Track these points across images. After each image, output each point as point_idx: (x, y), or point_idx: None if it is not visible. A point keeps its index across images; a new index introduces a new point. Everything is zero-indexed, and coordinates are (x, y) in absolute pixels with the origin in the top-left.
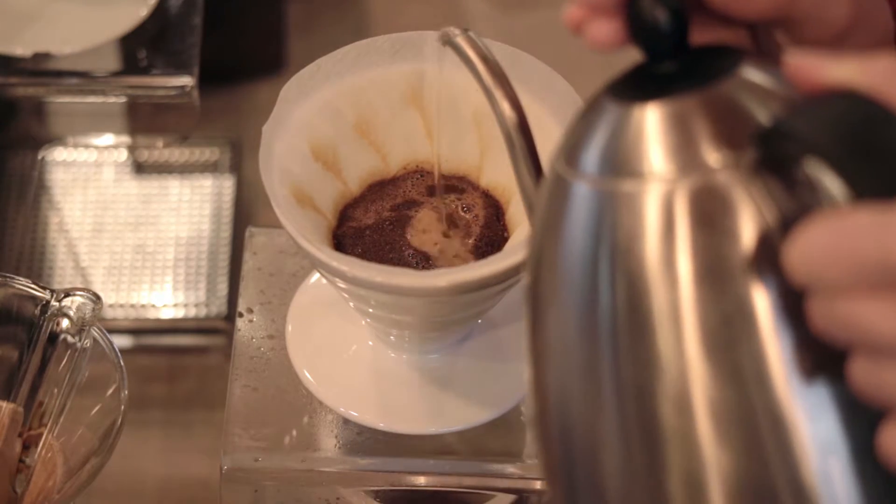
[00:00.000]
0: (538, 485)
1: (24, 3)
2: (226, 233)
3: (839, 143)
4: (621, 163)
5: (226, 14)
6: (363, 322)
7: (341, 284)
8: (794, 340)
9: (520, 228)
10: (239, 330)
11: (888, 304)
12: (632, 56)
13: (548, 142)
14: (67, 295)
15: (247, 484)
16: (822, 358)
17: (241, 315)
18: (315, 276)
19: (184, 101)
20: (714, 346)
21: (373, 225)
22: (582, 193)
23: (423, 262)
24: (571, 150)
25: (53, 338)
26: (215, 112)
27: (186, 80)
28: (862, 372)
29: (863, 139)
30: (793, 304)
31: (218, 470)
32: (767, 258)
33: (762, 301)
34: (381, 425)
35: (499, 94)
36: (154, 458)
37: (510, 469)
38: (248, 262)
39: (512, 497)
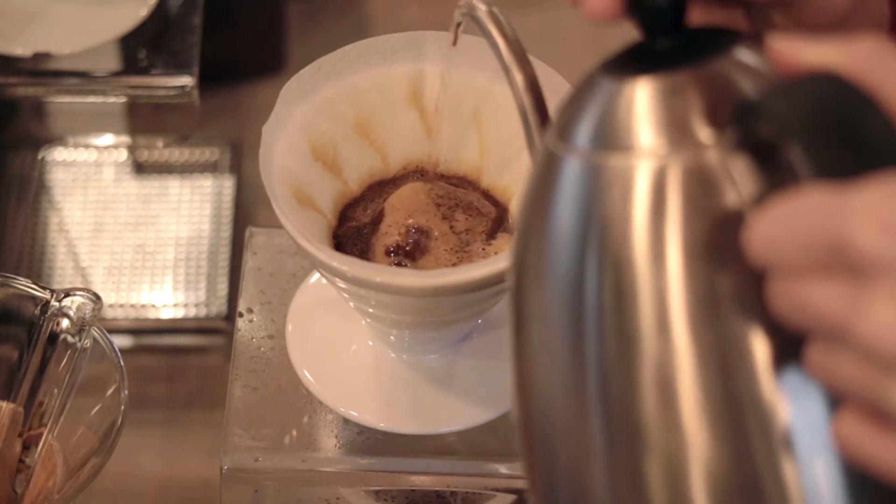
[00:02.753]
0: None
1: (24, 3)
2: (226, 233)
3: (810, 123)
4: (612, 137)
5: (226, 14)
6: (363, 322)
7: (341, 284)
8: (768, 324)
9: None
10: (239, 330)
11: (839, 286)
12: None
13: None
14: (67, 295)
15: (247, 484)
16: (792, 342)
17: (241, 315)
18: (315, 276)
19: (184, 101)
20: (695, 325)
21: (372, 225)
22: (572, 167)
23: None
24: (563, 125)
25: (53, 338)
26: (215, 112)
27: (186, 80)
28: (816, 357)
29: (834, 121)
30: (759, 286)
31: (218, 470)
32: (739, 238)
33: (738, 282)
34: (381, 425)
35: (517, 73)
36: (154, 458)
37: (510, 469)
38: (248, 262)
39: (512, 497)
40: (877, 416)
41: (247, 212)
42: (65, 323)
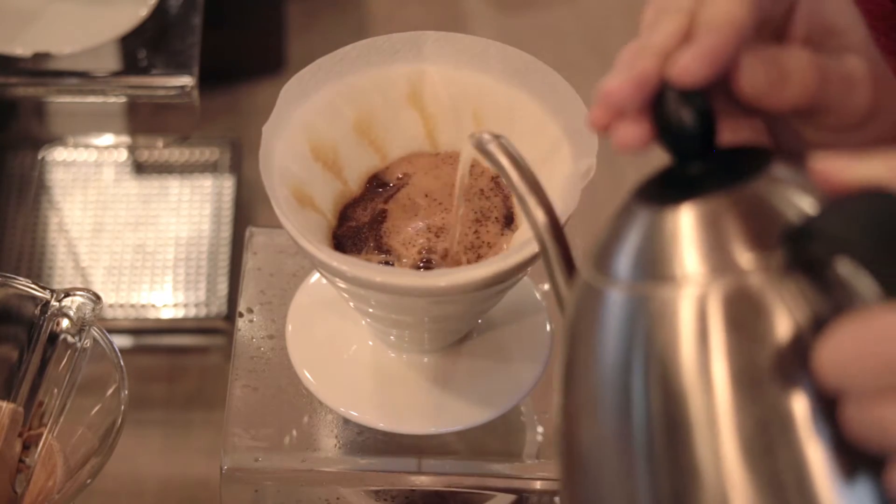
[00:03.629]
0: (538, 485)
1: (24, 3)
2: (226, 233)
3: (868, 241)
4: (654, 267)
5: (226, 14)
6: (363, 322)
7: (341, 284)
8: (833, 446)
9: (520, 230)
10: (239, 330)
11: None
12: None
13: (547, 142)
14: (67, 295)
15: (247, 484)
16: (861, 463)
17: (241, 315)
18: (315, 276)
19: (184, 101)
20: (752, 453)
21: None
22: (614, 300)
23: (424, 262)
24: (601, 256)
25: (53, 338)
26: (215, 112)
27: (186, 80)
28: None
29: (892, 237)
30: (828, 408)
31: (218, 470)
32: (800, 362)
33: (798, 406)
34: (381, 425)
35: (531, 201)
36: (154, 458)
37: (510, 469)
38: (248, 262)
39: (512, 497)
40: None
41: (247, 212)
42: (65, 323)
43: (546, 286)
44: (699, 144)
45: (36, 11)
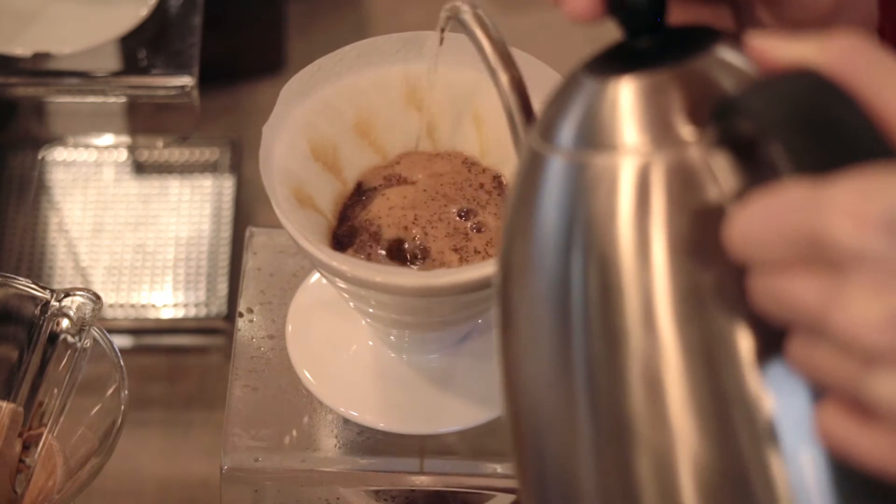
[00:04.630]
0: None
1: (24, 3)
2: (226, 233)
3: (789, 119)
4: (596, 135)
5: (226, 14)
6: (363, 322)
7: (341, 284)
8: (751, 318)
9: None
10: (239, 330)
11: (818, 279)
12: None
13: None
14: (67, 295)
15: (247, 484)
16: (775, 335)
17: (241, 315)
18: (315, 276)
19: (184, 101)
20: (680, 321)
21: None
22: (556, 167)
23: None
24: (547, 125)
25: (53, 338)
26: (215, 112)
27: (186, 80)
28: (797, 351)
29: (812, 117)
30: (742, 281)
31: (218, 470)
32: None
33: (721, 277)
34: (381, 425)
35: (502, 72)
36: (154, 458)
37: (510, 469)
38: (248, 262)
39: (512, 497)
40: (857, 408)
41: (247, 212)
42: (65, 323)
43: None
44: (648, 19)
45: (36, 11)
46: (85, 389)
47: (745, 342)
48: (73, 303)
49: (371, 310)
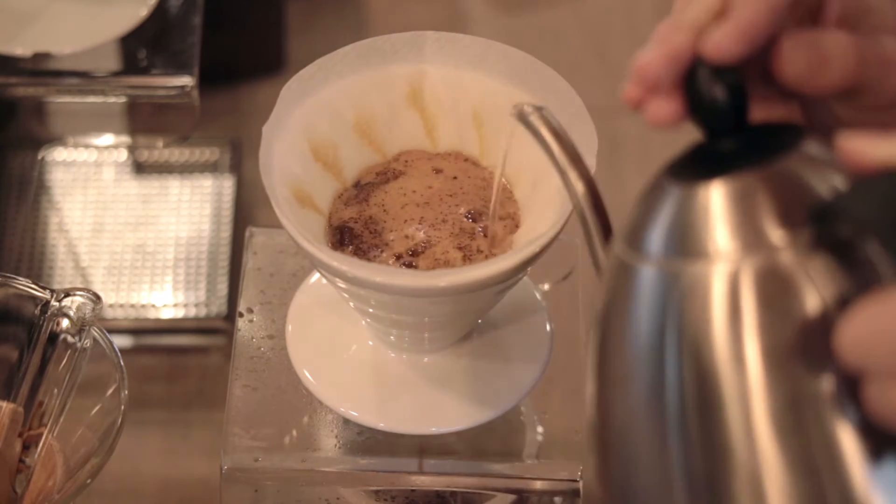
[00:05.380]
0: (538, 485)
1: (24, 3)
2: (226, 233)
3: (888, 220)
4: (686, 243)
5: (226, 14)
6: (363, 322)
7: (341, 284)
8: (860, 426)
9: (521, 230)
10: (239, 330)
11: None
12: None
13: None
14: (67, 295)
15: (247, 484)
16: (886, 443)
17: (241, 315)
18: (315, 276)
19: (184, 101)
20: (782, 431)
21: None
22: (646, 276)
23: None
24: (633, 233)
25: (53, 338)
26: (215, 112)
27: (186, 80)
28: None
29: None
30: (853, 388)
31: (218, 470)
32: (826, 341)
33: (825, 385)
34: (381, 425)
35: (572, 174)
36: (154, 458)
37: (510, 469)
38: (248, 262)
39: (512, 497)
40: None
41: (247, 212)
42: (65, 323)
43: (546, 286)
44: (731, 120)
45: (36, 11)
46: (85, 389)
47: (850, 449)
48: (73, 303)
49: (371, 310)
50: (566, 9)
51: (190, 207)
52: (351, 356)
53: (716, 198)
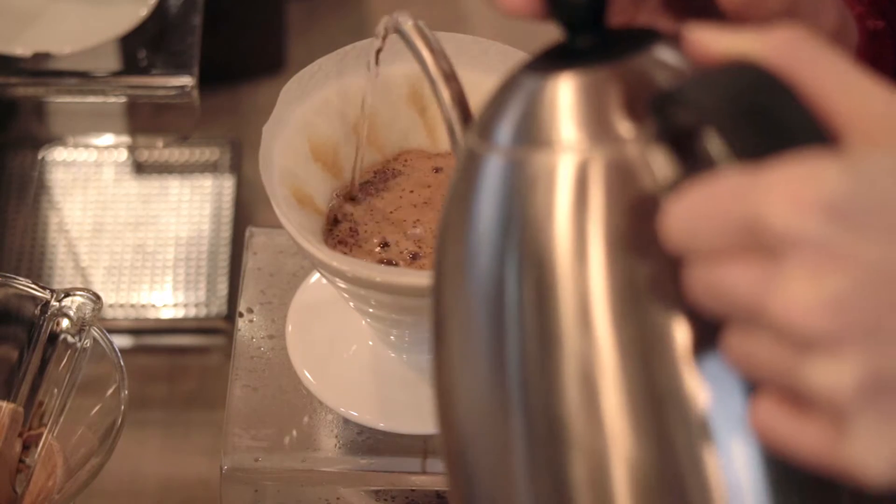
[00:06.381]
0: None
1: (24, 3)
2: (226, 233)
3: (726, 110)
4: (533, 133)
5: (226, 14)
6: (363, 322)
7: (341, 284)
8: (687, 311)
9: None
10: (239, 330)
11: (754, 267)
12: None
13: None
14: (67, 295)
15: (247, 484)
16: (710, 329)
17: (241, 315)
18: (315, 276)
19: (184, 101)
20: (617, 319)
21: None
22: (493, 166)
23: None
24: (484, 124)
25: (53, 338)
26: (215, 112)
27: (186, 80)
28: (733, 343)
29: (750, 107)
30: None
31: (218, 470)
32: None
33: (657, 272)
34: (381, 425)
35: (444, 88)
36: (154, 458)
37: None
38: (248, 262)
39: None
40: (792, 400)
41: (247, 212)
42: (65, 323)
43: None
44: (588, 17)
45: (36, 11)
46: (85, 389)
47: (680, 337)
48: (73, 303)
49: (371, 310)
50: None
51: (190, 207)
52: (351, 356)
53: (565, 90)
